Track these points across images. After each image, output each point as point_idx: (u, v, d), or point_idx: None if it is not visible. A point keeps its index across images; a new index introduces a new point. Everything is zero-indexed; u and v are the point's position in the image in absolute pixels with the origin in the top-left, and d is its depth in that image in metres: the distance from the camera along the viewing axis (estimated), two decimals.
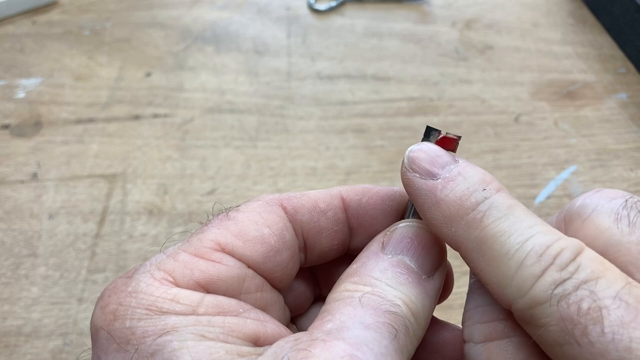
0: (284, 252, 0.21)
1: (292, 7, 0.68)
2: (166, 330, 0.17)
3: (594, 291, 0.15)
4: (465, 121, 0.55)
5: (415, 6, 0.69)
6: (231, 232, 0.20)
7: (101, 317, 0.18)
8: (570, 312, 0.15)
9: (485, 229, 0.18)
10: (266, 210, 0.22)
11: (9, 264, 0.42)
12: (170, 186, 0.48)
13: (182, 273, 0.19)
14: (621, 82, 0.60)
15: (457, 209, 0.19)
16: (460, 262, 0.40)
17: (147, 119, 0.53)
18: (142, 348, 0.17)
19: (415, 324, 0.19)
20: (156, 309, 0.17)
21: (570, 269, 0.16)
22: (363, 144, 0.52)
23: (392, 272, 0.20)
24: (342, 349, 0.16)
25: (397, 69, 0.60)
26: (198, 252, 0.19)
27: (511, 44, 0.64)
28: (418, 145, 0.21)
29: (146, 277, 0.18)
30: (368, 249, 0.21)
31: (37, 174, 0.48)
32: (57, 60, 0.59)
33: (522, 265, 0.17)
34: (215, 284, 0.19)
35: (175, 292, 0.18)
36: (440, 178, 0.20)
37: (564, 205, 0.48)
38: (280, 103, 0.56)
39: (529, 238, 0.17)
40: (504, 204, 0.18)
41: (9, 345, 0.38)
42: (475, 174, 0.19)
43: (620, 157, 0.52)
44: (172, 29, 0.64)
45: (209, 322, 0.17)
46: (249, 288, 0.20)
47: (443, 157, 0.20)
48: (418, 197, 0.20)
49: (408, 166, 0.20)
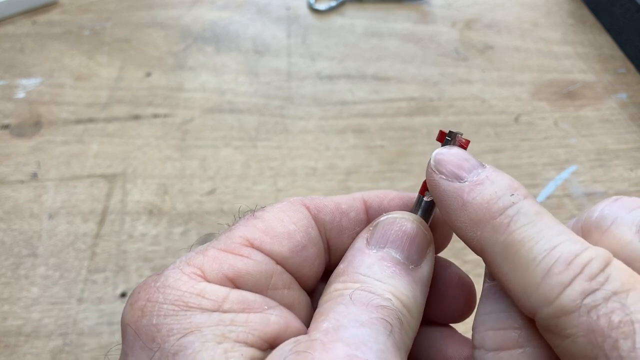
0: (310, 247, 0.22)
1: (292, 7, 0.68)
2: (190, 330, 0.17)
3: (625, 304, 0.15)
4: (465, 121, 0.55)
5: (415, 6, 0.69)
6: (258, 228, 0.21)
7: (130, 314, 0.18)
8: (601, 325, 0.15)
9: (512, 234, 0.18)
10: (291, 209, 0.22)
11: (9, 264, 0.42)
12: (170, 186, 0.48)
13: (211, 267, 0.19)
14: (621, 82, 0.60)
15: (484, 213, 0.19)
16: (460, 263, 0.40)
17: (147, 119, 0.53)
18: (165, 347, 0.17)
19: (409, 315, 0.19)
20: (183, 304, 0.18)
21: (600, 280, 0.16)
22: (363, 144, 0.52)
23: (379, 266, 0.20)
24: (342, 351, 0.16)
25: (397, 69, 0.60)
26: (227, 248, 0.20)
27: (511, 44, 0.64)
28: (445, 149, 0.21)
29: (175, 272, 0.19)
30: (353, 247, 0.21)
31: (37, 174, 0.48)
32: (57, 60, 0.59)
33: (549, 272, 0.17)
34: (243, 278, 0.19)
35: (202, 287, 0.18)
36: (467, 181, 0.20)
37: (564, 205, 0.48)
38: (280, 103, 0.56)
39: (557, 245, 0.17)
40: (532, 210, 0.18)
41: (9, 345, 0.38)
42: (503, 179, 0.19)
43: (620, 157, 0.52)
44: (172, 29, 0.64)
45: (232, 321, 0.18)
46: (276, 284, 0.20)
47: (470, 161, 0.20)
48: (444, 199, 0.20)
49: (434, 168, 0.20)
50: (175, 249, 0.43)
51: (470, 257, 0.43)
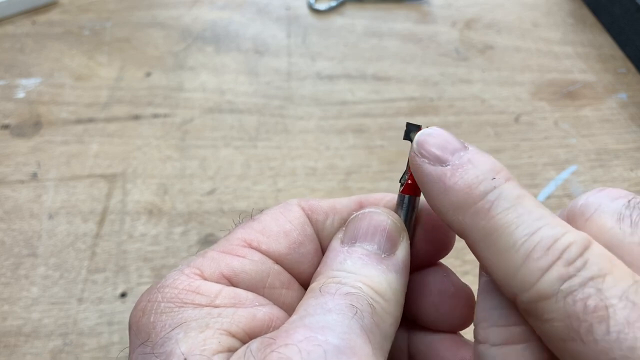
0: (308, 244, 0.22)
1: (292, 7, 0.68)
2: (180, 323, 0.18)
3: (601, 289, 0.15)
4: (465, 121, 0.55)
5: (415, 6, 0.69)
6: (255, 229, 0.22)
7: (133, 314, 0.19)
8: (577, 310, 0.15)
9: (493, 219, 0.18)
10: (286, 209, 0.23)
11: (9, 264, 0.42)
12: (170, 186, 0.48)
13: (210, 266, 0.20)
14: (621, 82, 0.60)
15: (466, 198, 0.19)
16: (460, 263, 0.40)
17: (147, 119, 0.53)
18: (156, 341, 0.18)
19: (382, 300, 0.19)
20: (178, 301, 0.18)
21: (578, 265, 0.16)
22: (363, 144, 0.52)
23: (351, 260, 0.20)
24: (302, 334, 0.17)
25: (397, 69, 0.60)
26: (226, 249, 0.21)
27: (511, 44, 0.64)
28: (428, 130, 0.21)
29: (175, 273, 0.20)
30: (329, 248, 0.22)
31: (37, 174, 0.48)
32: (57, 60, 0.59)
33: (529, 257, 0.17)
34: (239, 276, 0.20)
35: (198, 284, 0.19)
36: (449, 165, 0.19)
37: (565, 205, 0.48)
38: (280, 103, 0.56)
39: (537, 230, 0.17)
40: (513, 194, 0.18)
41: (9, 345, 0.38)
42: (485, 162, 0.19)
43: (620, 157, 0.52)
44: (172, 29, 0.64)
45: (219, 314, 0.18)
46: (274, 283, 0.21)
47: (453, 142, 0.20)
48: (426, 183, 0.20)
49: (417, 151, 0.20)
50: (175, 249, 0.43)
51: (471, 257, 0.43)
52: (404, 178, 0.23)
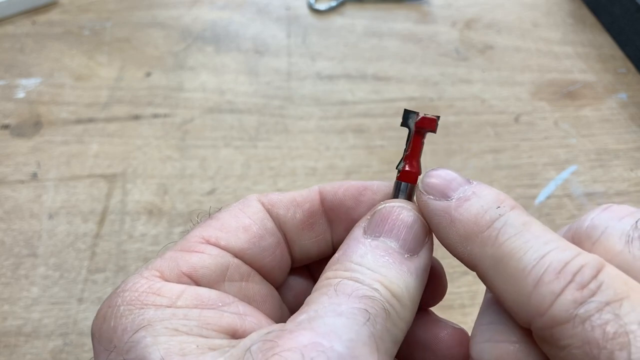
0: (268, 237, 0.22)
1: (292, 7, 0.68)
2: (142, 325, 0.17)
3: (619, 314, 0.15)
4: (465, 121, 0.55)
5: (415, 6, 0.69)
6: (214, 227, 0.22)
7: (94, 323, 0.19)
8: (596, 336, 0.15)
9: (501, 246, 0.18)
10: (245, 204, 0.23)
11: (9, 264, 0.42)
12: (170, 186, 0.48)
13: (169, 266, 0.20)
14: (621, 82, 0.60)
15: (472, 227, 0.19)
16: (460, 262, 0.40)
17: (147, 119, 0.53)
18: (119, 346, 0.17)
19: (399, 305, 0.19)
20: (139, 303, 0.18)
21: (592, 287, 0.16)
22: (363, 144, 0.52)
23: (372, 255, 0.20)
24: (307, 338, 0.16)
25: (397, 69, 0.60)
26: (184, 248, 0.21)
27: (511, 44, 0.64)
28: (433, 171, 0.21)
29: (135, 276, 0.20)
30: (350, 236, 0.21)
31: (37, 174, 0.48)
32: (57, 60, 0.59)
33: (540, 282, 0.16)
34: (198, 272, 0.20)
35: (159, 286, 0.19)
36: (454, 198, 0.20)
37: (564, 205, 0.48)
38: (280, 103, 0.56)
39: (546, 254, 0.17)
40: (519, 220, 0.18)
41: (9, 345, 0.38)
42: (489, 193, 0.20)
43: (620, 157, 0.52)
44: (172, 29, 0.64)
45: (185, 316, 0.18)
46: (233, 276, 0.21)
47: (457, 178, 0.20)
48: (433, 217, 0.20)
49: (423, 189, 0.21)
50: None
51: None
52: (401, 165, 0.23)
